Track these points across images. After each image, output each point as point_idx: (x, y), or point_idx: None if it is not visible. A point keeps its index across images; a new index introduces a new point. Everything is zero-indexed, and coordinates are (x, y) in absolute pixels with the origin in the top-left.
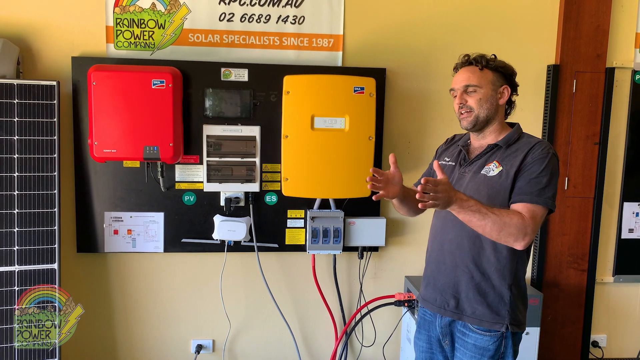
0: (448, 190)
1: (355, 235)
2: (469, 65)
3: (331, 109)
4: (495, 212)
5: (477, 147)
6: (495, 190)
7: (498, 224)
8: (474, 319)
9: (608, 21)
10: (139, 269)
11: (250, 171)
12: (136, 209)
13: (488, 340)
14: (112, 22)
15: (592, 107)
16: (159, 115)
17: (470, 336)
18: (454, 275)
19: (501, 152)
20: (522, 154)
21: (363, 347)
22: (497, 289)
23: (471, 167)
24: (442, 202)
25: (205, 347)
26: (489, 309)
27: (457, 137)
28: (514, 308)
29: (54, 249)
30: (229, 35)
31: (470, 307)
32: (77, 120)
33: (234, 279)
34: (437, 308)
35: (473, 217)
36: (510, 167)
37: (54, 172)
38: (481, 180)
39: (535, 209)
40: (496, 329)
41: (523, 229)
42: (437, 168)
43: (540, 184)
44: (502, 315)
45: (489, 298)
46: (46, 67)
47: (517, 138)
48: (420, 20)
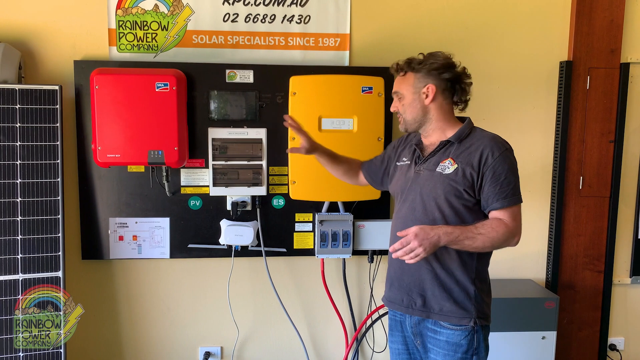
0: (427, 235)
1: (364, 238)
2: (396, 73)
3: (339, 109)
4: (481, 231)
5: (427, 144)
6: (451, 187)
7: (488, 241)
8: (441, 316)
9: (622, 15)
10: (144, 276)
11: (257, 174)
12: (141, 214)
13: (459, 335)
14: (115, 25)
15: (607, 104)
16: (163, 118)
17: (441, 333)
18: (418, 274)
19: (454, 148)
20: (477, 152)
21: (374, 353)
22: (461, 284)
23: (426, 164)
24: (429, 249)
25: (213, 355)
26: (456, 304)
27: (412, 136)
28: (480, 301)
29: (58, 257)
30: (233, 36)
31: (437, 304)
32: (80, 125)
33: (242, 285)
34: (405, 308)
35: (464, 245)
36: (465, 165)
37: (57, 178)
38: (437, 177)
39: (513, 209)
40: (464, 324)
41: (510, 234)
42: None
43: (509, 184)
44: (468, 310)
45: (454, 294)
46: (48, 72)
47: (468, 133)
48: (428, 18)
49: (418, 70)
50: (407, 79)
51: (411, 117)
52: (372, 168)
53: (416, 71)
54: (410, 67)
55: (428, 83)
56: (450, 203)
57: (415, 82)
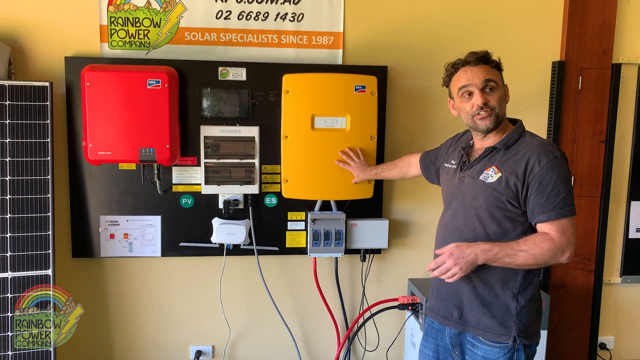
0: (463, 254)
1: (357, 237)
2: (480, 63)
3: (332, 108)
4: (523, 248)
5: (477, 148)
6: (493, 197)
7: (531, 258)
8: (478, 330)
9: (614, 16)
10: (136, 274)
11: (249, 173)
12: (133, 212)
13: (498, 353)
14: (107, 21)
15: (598, 104)
16: (155, 116)
17: (479, 348)
18: (456, 286)
19: (500, 155)
20: (523, 160)
21: (366, 352)
22: (500, 299)
23: (470, 171)
24: (465, 267)
25: (205, 353)
26: (494, 320)
27: (463, 136)
28: (522, 319)
29: (48, 255)
30: (226, 34)
31: (475, 317)
32: (71, 122)
33: (234, 284)
34: (441, 319)
35: (504, 262)
36: (510, 174)
37: (47, 176)
38: (479, 186)
39: (563, 222)
40: (503, 341)
41: (557, 249)
42: None
43: (559, 194)
44: (508, 327)
45: (493, 309)
46: (39, 68)
47: (517, 139)
48: (422, 17)
49: (499, 68)
50: (495, 71)
51: (503, 113)
52: (427, 162)
53: (500, 69)
54: (494, 63)
55: (504, 83)
56: (491, 214)
57: (501, 79)
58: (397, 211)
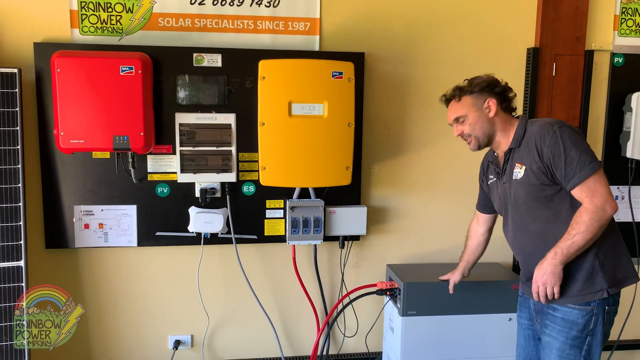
0: (543, 273)
1: (336, 224)
2: (448, 102)
3: (309, 94)
4: (572, 232)
5: (500, 156)
6: (529, 187)
7: (587, 234)
8: (566, 299)
9: (587, 3)
10: (112, 265)
11: (226, 161)
12: (107, 201)
13: (577, 314)
14: (77, 6)
15: (572, 90)
16: (128, 103)
17: (559, 310)
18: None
19: (517, 152)
20: (533, 147)
21: (345, 338)
22: (581, 264)
23: (505, 176)
24: (553, 279)
25: (184, 343)
26: (579, 284)
27: (488, 154)
28: (607, 272)
29: (20, 246)
30: (200, 19)
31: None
32: (42, 109)
33: (212, 273)
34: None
35: (573, 252)
36: (530, 164)
37: (17, 165)
38: (516, 184)
39: (588, 183)
40: (587, 300)
41: (597, 211)
42: None
43: (572, 160)
44: (597, 284)
45: (578, 274)
46: (6, 54)
47: (524, 132)
48: (398, 3)
49: (472, 91)
50: (463, 102)
51: (482, 132)
52: (481, 202)
53: (470, 92)
54: (463, 91)
55: (487, 98)
56: (537, 200)
57: (475, 101)
58: (375, 198)
